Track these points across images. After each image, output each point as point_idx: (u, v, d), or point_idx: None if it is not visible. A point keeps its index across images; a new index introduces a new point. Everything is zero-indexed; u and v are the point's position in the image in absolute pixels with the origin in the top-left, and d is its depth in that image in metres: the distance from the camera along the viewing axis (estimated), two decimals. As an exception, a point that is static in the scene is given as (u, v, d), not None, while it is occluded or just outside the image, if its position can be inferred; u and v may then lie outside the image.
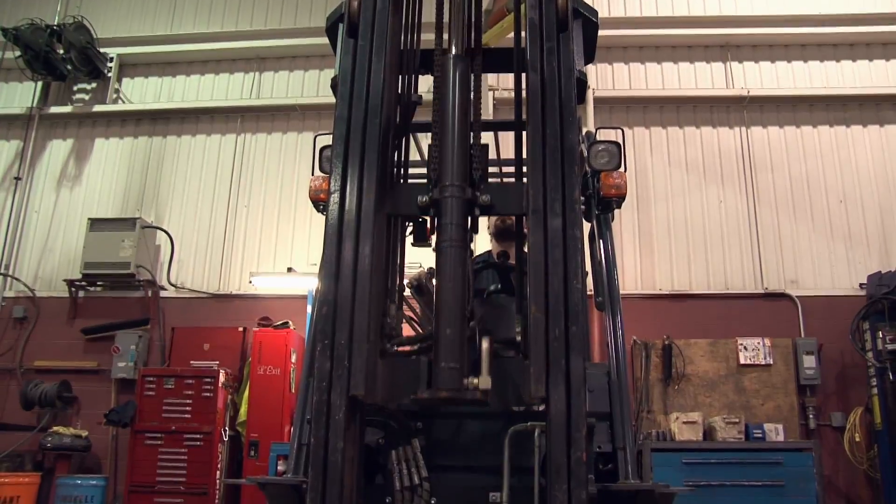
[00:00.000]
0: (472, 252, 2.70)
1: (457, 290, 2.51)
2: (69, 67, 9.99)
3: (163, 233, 9.56)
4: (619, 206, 3.79)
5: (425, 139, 4.10)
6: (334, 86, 2.83)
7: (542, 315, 2.32)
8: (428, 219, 2.78)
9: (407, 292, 3.69)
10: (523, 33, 2.77)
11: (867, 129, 9.37)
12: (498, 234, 4.06)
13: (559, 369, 2.27)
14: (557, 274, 2.35)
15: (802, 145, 9.34)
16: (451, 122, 2.71)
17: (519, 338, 2.66)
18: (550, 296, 2.34)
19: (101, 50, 10.22)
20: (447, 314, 2.51)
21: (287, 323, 8.62)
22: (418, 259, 3.65)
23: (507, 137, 5.07)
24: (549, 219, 2.42)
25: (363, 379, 2.32)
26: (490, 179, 2.88)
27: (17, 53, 9.79)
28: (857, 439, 7.98)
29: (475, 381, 2.43)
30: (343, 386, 2.32)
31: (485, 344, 2.50)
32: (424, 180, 2.79)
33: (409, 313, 3.85)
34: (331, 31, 3.10)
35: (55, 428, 8.54)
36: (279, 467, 7.24)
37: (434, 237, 2.66)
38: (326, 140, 3.04)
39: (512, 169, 3.07)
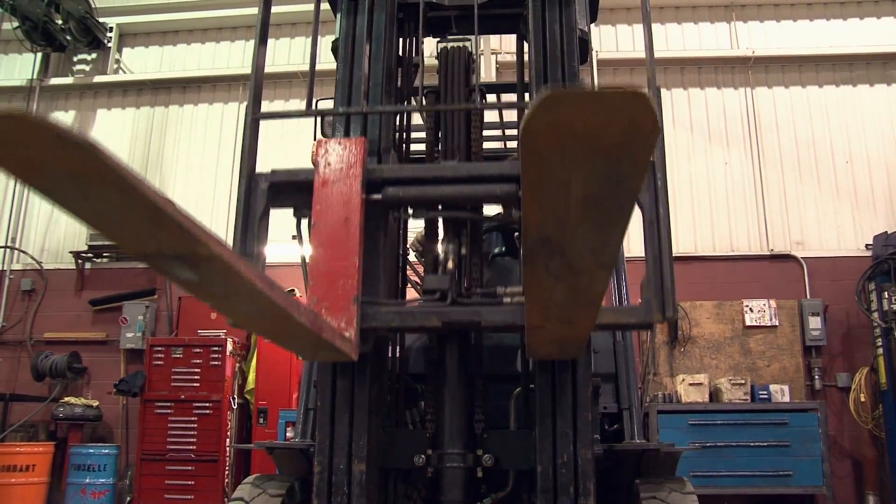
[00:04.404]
0: None
1: None
2: (68, 38, 9.89)
3: (167, 203, 9.54)
4: (622, 168, 3.76)
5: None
6: (335, 49, 2.80)
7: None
8: None
9: (411, 257, 3.69)
10: None
11: (874, 89, 9.26)
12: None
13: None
14: (561, 235, 2.34)
15: (808, 105, 9.25)
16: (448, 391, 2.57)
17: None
18: (554, 256, 2.33)
19: (101, 20, 10.11)
20: None
21: (293, 290, 8.63)
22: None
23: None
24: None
25: (368, 341, 2.33)
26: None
27: (16, 24, 9.69)
28: (863, 399, 8.01)
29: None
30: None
31: None
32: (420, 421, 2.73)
33: (414, 278, 3.84)
34: None
35: (67, 398, 8.63)
36: (288, 433, 7.31)
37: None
38: (328, 105, 3.01)
39: (514, 132, 3.05)
